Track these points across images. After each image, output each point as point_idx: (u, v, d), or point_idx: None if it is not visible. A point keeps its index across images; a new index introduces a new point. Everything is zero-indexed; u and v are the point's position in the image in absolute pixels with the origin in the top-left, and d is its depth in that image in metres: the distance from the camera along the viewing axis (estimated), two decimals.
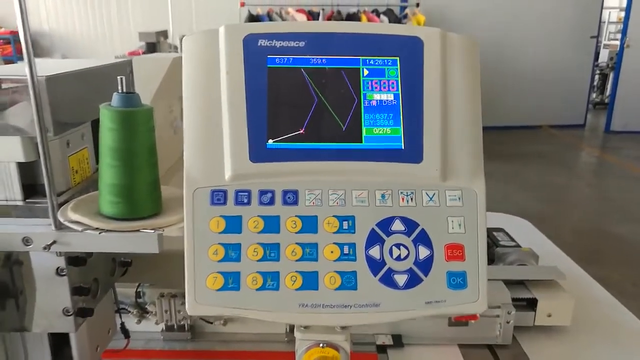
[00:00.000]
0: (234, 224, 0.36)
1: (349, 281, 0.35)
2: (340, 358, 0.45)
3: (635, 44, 6.84)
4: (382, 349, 0.79)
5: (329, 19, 5.13)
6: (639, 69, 7.02)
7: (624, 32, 6.87)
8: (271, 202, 0.36)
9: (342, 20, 5.28)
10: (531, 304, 0.83)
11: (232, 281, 0.35)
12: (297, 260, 0.35)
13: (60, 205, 0.44)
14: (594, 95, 8.40)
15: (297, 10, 5.28)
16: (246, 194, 0.36)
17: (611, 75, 8.24)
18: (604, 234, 3.02)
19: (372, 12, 5.47)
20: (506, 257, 0.92)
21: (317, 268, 0.35)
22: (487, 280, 0.36)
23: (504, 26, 5.97)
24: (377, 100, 0.38)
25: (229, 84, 0.37)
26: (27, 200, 0.45)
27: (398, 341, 0.81)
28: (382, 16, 5.38)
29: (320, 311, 0.35)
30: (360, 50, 0.39)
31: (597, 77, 8.64)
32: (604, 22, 7.95)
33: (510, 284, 0.84)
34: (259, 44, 0.38)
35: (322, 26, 0.39)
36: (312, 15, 5.26)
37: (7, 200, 0.45)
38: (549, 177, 4.22)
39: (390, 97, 0.38)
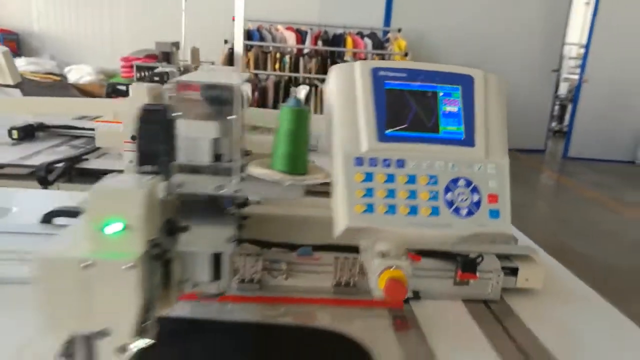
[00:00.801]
0: (368, 177, 0.62)
1: (434, 212, 0.62)
2: (405, 278, 0.71)
3: (592, 79, 7.43)
4: (405, 301, 1.06)
5: (316, 38, 5.44)
6: (594, 102, 7.61)
7: (582, 67, 7.46)
8: (389, 165, 0.63)
9: (327, 39, 5.60)
10: (513, 271, 1.11)
11: (368, 208, 0.61)
12: (406, 199, 0.62)
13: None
14: (554, 123, 8.98)
15: (287, 29, 5.58)
16: (375, 160, 0.62)
17: (569, 106, 8.85)
18: (562, 246, 3.39)
19: (357, 34, 5.82)
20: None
21: (417, 204, 0.62)
22: (510, 215, 0.63)
23: (478, 57, 6.41)
24: (448, 110, 0.65)
25: (364, 96, 0.64)
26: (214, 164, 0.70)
27: (417, 295, 1.08)
28: (365, 39, 5.74)
29: (420, 229, 0.61)
30: (438, 80, 0.66)
31: (557, 107, 9.23)
32: (565, 57, 8.58)
33: (499, 256, 1.12)
34: (380, 74, 0.64)
35: (416, 65, 0.66)
36: (301, 34, 5.57)
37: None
38: (513, 196, 4.62)
39: (455, 109, 0.66)
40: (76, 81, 5.94)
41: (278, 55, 5.36)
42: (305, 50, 5.58)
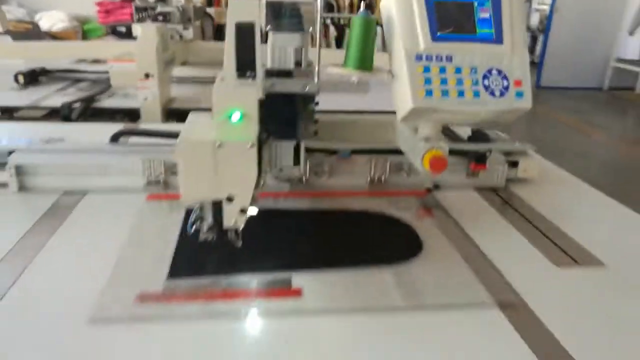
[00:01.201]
0: (426, 69, 0.80)
1: (476, 94, 0.81)
2: (445, 156, 0.91)
3: (563, 9, 7.59)
4: (428, 190, 1.28)
5: None
6: (565, 33, 7.80)
7: None
8: (441, 60, 0.81)
9: None
10: (514, 164, 1.33)
11: (428, 93, 0.80)
12: (455, 85, 0.81)
13: None
14: None
15: None
16: (430, 56, 0.81)
17: (541, 37, 9.04)
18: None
19: None
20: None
21: (463, 89, 0.81)
22: (530, 96, 0.83)
23: None
24: (482, 16, 0.83)
25: (418, 7, 0.81)
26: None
27: (437, 186, 1.29)
28: None
29: (467, 107, 0.81)
30: None
31: (528, 38, 9.39)
32: None
33: (504, 153, 1.33)
34: None
35: None
36: None
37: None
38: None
39: (487, 15, 0.84)
40: (49, 28, 5.80)
41: None
42: None
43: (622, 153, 4.78)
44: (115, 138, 1.30)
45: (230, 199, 0.79)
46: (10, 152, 1.15)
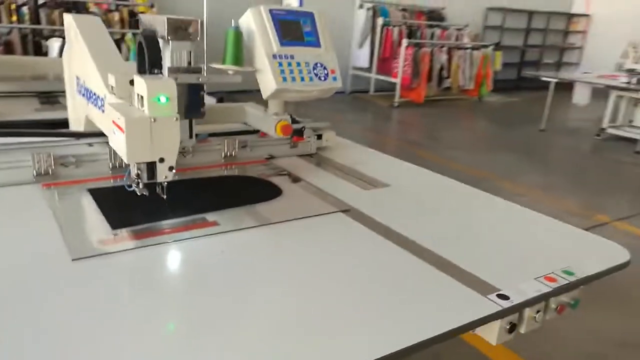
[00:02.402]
0: (280, 64, 1.24)
1: (311, 79, 1.29)
2: (289, 124, 1.37)
3: None
4: (267, 159, 1.71)
5: None
6: None
7: None
8: (287, 58, 1.26)
9: None
10: (320, 137, 1.87)
11: (284, 79, 1.24)
12: (298, 73, 1.27)
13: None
14: None
15: None
16: (280, 55, 1.25)
17: None
18: None
19: None
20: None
21: (303, 76, 1.27)
22: (340, 79, 1.34)
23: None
24: (306, 30, 1.32)
25: (269, 24, 1.25)
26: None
27: (272, 156, 1.74)
28: None
29: (307, 87, 1.27)
30: (299, 15, 1.31)
31: None
32: None
33: (313, 129, 1.86)
34: (274, 12, 1.26)
35: (286, 8, 1.30)
36: None
37: None
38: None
39: (309, 29, 1.32)
40: None
41: (14, 5, 4.93)
42: (40, 1, 5.25)
43: (370, 139, 6.02)
44: None
45: (162, 160, 1.09)
46: None
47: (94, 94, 1.43)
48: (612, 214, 3.91)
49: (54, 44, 4.78)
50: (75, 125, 1.77)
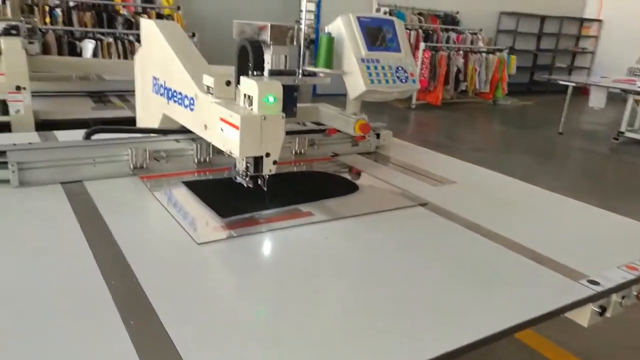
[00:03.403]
0: (368, 67, 1.33)
1: (394, 81, 1.38)
2: (367, 122, 1.46)
3: None
4: (332, 157, 1.81)
5: None
6: None
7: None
8: (374, 62, 1.35)
9: None
10: (378, 136, 1.96)
11: (371, 81, 1.33)
12: (383, 76, 1.36)
13: None
14: None
15: None
16: (368, 59, 1.34)
17: None
18: None
19: None
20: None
21: (388, 79, 1.37)
22: (418, 82, 1.43)
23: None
24: (388, 36, 1.41)
25: (357, 30, 1.34)
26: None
27: (336, 154, 1.83)
28: None
29: (391, 88, 1.37)
30: (382, 22, 1.40)
31: None
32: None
33: (373, 130, 1.95)
34: (361, 19, 1.35)
35: (370, 15, 1.39)
36: None
37: None
38: None
39: (390, 35, 1.41)
40: None
41: (47, 7, 5.05)
42: (72, 4, 5.37)
43: None
44: (89, 135, 1.48)
45: (268, 155, 1.17)
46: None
47: (180, 93, 1.52)
48: (637, 217, 3.97)
49: (87, 45, 4.90)
50: (145, 123, 1.87)
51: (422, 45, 8.25)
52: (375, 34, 1.37)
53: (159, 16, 5.82)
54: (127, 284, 0.89)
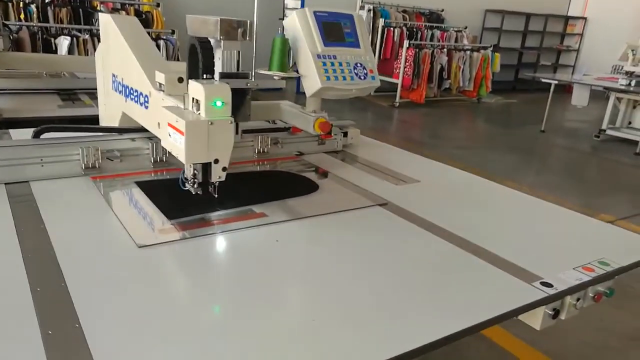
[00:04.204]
0: (324, 64, 1.30)
1: (352, 78, 1.34)
2: (327, 121, 1.43)
3: None
4: (297, 155, 1.77)
5: None
6: None
7: None
8: (330, 58, 1.31)
9: None
10: (345, 134, 1.92)
11: (327, 78, 1.29)
12: (340, 73, 1.32)
13: None
14: None
15: None
16: (325, 55, 1.31)
17: None
18: None
19: None
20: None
21: (345, 75, 1.33)
22: (378, 79, 1.40)
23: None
24: (346, 30, 1.37)
25: (314, 25, 1.30)
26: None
27: (301, 153, 1.79)
28: None
29: (348, 85, 1.33)
30: (340, 17, 1.37)
31: None
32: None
33: (340, 128, 1.91)
34: (317, 14, 1.31)
35: (325, 9, 1.35)
36: None
37: None
38: None
39: (349, 30, 1.38)
40: None
41: (22, 4, 4.94)
42: (47, 0, 5.26)
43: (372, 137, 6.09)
44: (38, 134, 1.43)
45: (216, 161, 1.13)
46: None
47: (136, 90, 1.47)
48: (615, 213, 3.99)
49: (63, 42, 4.80)
50: (107, 122, 1.82)
51: (405, 43, 8.23)
52: (333, 29, 1.33)
53: (138, 13, 5.73)
54: (54, 290, 0.85)
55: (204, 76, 1.17)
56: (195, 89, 1.10)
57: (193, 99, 1.11)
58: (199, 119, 1.08)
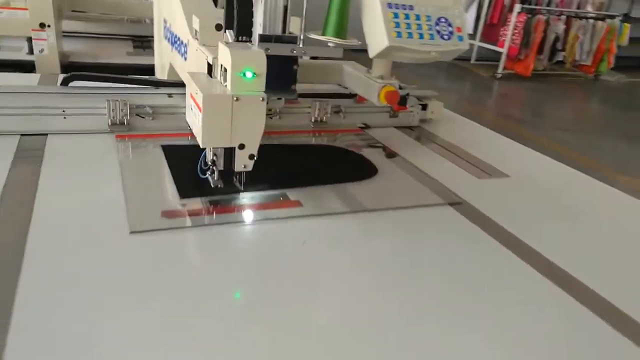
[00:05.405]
0: (395, 15, 0.99)
1: (431, 37, 1.03)
2: (397, 90, 1.13)
3: None
4: (362, 128, 1.49)
5: None
6: None
7: None
8: (405, 8, 1.01)
9: None
10: (424, 107, 1.60)
11: (398, 34, 0.99)
12: (416, 29, 1.01)
13: None
14: None
15: None
16: (397, 4, 1.00)
17: None
18: None
19: None
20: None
21: (423, 32, 1.02)
22: (467, 40, 1.07)
23: None
24: None
25: None
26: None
27: (367, 126, 1.51)
28: None
29: (426, 47, 1.02)
30: None
31: None
32: None
33: (419, 99, 1.60)
34: None
35: None
36: None
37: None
38: None
39: None
40: None
41: None
42: None
43: (465, 110, 5.57)
44: (66, 81, 1.28)
45: (242, 147, 0.89)
46: None
47: (178, 38, 1.27)
48: None
49: None
50: (160, 73, 1.65)
51: (516, 7, 7.40)
52: None
53: None
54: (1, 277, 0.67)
55: (239, 38, 0.93)
56: (223, 53, 0.86)
57: (221, 66, 0.88)
58: (222, 92, 0.84)
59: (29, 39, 2.08)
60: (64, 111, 1.17)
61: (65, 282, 0.69)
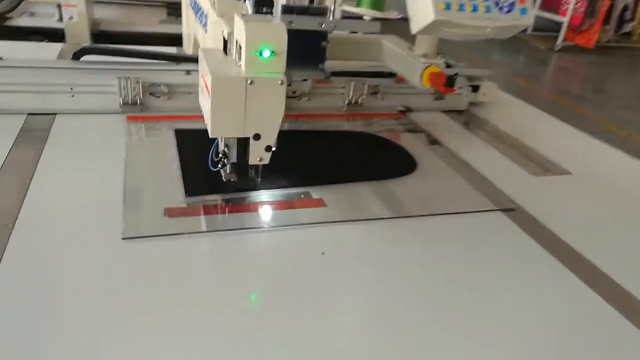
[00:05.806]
0: None
1: (487, 10, 0.85)
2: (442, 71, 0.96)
3: None
4: (402, 112, 1.33)
5: None
6: None
7: None
8: None
9: None
10: (475, 88, 1.42)
11: (447, 7, 0.82)
12: (469, 0, 0.84)
13: None
14: None
15: None
16: None
17: None
18: None
19: None
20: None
21: (477, 4, 0.84)
22: (533, 13, 0.89)
23: None
24: None
25: None
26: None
27: (409, 109, 1.35)
28: None
29: (480, 21, 0.84)
30: None
31: None
32: None
33: (469, 79, 1.41)
34: None
35: None
36: None
37: None
38: None
39: None
40: None
41: None
42: None
43: (518, 86, 5.22)
44: (77, 56, 1.18)
45: (257, 137, 0.76)
46: None
47: (200, 7, 1.14)
48: None
49: None
50: (186, 45, 1.53)
51: None
52: None
53: None
54: None
55: (259, 9, 0.79)
56: (239, 27, 0.72)
57: (237, 42, 0.74)
58: (235, 74, 0.71)
59: (59, 6, 2.00)
60: (71, 89, 1.07)
61: (46, 286, 0.59)
